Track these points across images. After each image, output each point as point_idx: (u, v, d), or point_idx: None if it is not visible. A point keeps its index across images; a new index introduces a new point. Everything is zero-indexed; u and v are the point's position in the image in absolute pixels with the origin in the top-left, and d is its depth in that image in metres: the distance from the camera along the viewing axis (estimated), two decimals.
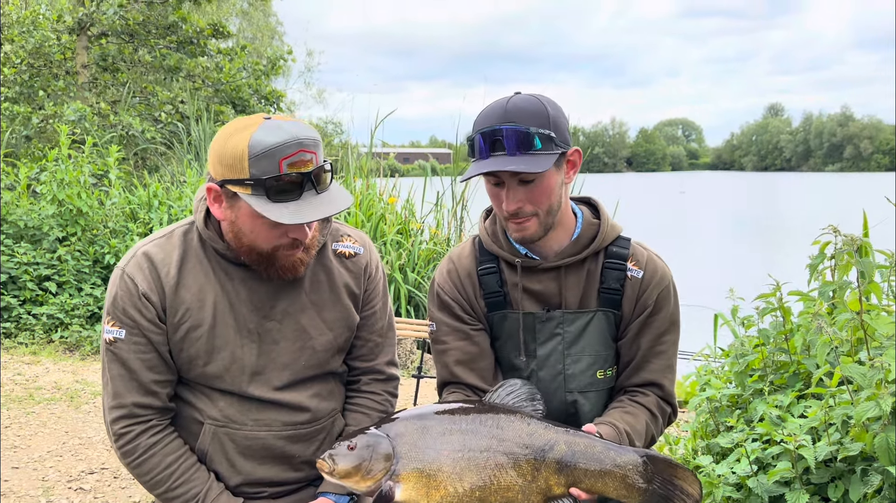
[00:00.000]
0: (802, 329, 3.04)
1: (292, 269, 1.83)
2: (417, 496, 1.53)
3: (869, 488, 2.26)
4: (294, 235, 1.76)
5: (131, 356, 1.82)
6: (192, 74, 12.37)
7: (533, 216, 1.79)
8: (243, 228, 1.76)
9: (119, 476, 3.93)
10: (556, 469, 1.53)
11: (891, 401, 1.96)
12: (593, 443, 1.56)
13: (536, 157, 1.70)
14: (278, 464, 1.93)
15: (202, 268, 1.85)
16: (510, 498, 1.53)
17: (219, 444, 1.89)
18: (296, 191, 1.68)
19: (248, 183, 1.67)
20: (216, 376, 1.86)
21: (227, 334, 1.84)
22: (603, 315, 1.88)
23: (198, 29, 12.38)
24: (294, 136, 1.68)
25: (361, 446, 1.55)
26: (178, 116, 11.48)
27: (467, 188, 7.86)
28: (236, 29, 27.22)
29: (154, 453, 1.84)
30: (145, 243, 1.88)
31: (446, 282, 1.96)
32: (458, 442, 1.53)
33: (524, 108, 1.72)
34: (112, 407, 1.84)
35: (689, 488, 1.55)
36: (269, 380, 1.89)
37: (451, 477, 1.52)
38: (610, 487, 1.55)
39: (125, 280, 1.83)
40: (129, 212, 7.93)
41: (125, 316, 1.82)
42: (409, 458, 1.53)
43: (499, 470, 1.53)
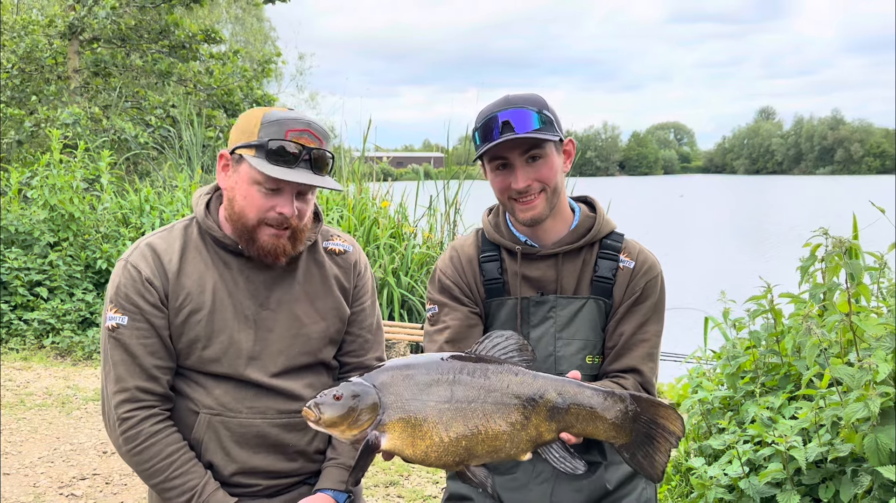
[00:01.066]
0: (793, 331, 3.06)
1: (272, 253, 1.89)
2: (403, 445, 1.54)
3: (859, 489, 2.28)
4: (281, 209, 1.83)
5: (134, 341, 1.87)
6: (184, 79, 12.36)
7: (541, 192, 1.89)
8: (238, 194, 1.86)
9: (111, 481, 3.91)
10: (547, 416, 1.56)
11: (879, 402, 1.98)
12: (582, 388, 1.59)
13: (541, 132, 1.84)
14: (273, 453, 1.95)
15: (202, 257, 1.94)
16: (498, 446, 1.55)
17: (214, 433, 1.92)
18: (294, 161, 1.81)
19: (253, 144, 1.82)
20: (214, 359, 1.91)
21: (226, 318, 1.91)
22: (594, 303, 1.96)
23: (190, 34, 12.36)
24: (305, 118, 1.86)
25: (347, 396, 1.55)
26: (170, 121, 11.46)
27: (459, 191, 7.87)
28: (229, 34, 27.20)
29: (156, 441, 1.87)
30: (148, 237, 1.97)
31: (448, 266, 2.03)
32: (444, 392, 1.54)
33: (524, 97, 1.88)
34: (115, 391, 1.88)
35: (671, 426, 1.60)
36: (265, 365, 1.94)
37: (437, 426, 1.52)
38: (600, 429, 1.59)
39: (129, 269, 1.90)
40: (120, 216, 7.91)
41: (128, 302, 1.88)
42: (395, 408, 1.54)
43: (486, 419, 1.54)
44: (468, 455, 1.54)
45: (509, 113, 1.84)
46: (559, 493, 1.93)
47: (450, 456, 1.54)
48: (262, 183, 1.83)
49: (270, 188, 1.84)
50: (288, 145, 1.81)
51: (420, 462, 1.56)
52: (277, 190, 1.85)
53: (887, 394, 2.03)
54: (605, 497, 1.96)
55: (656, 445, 1.60)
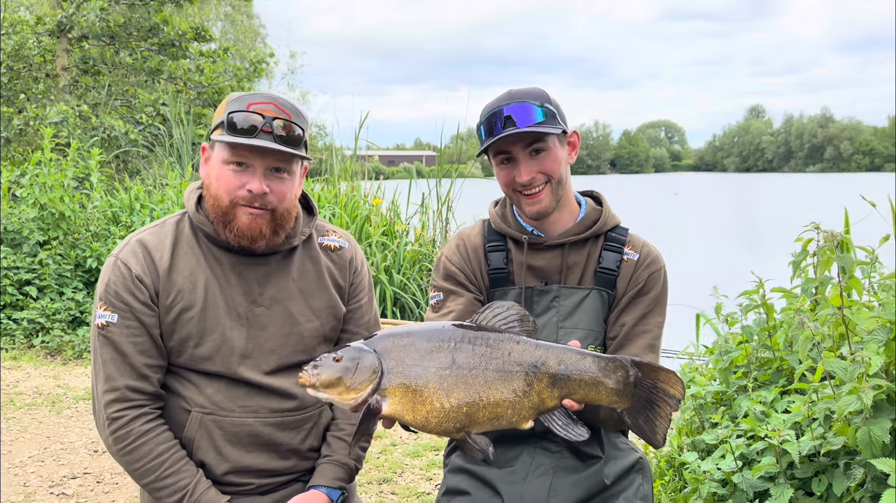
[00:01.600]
0: (785, 325, 3.07)
1: (249, 237, 1.85)
2: (403, 411, 1.53)
3: (852, 482, 2.28)
4: (250, 186, 1.80)
5: (124, 340, 1.84)
6: (174, 77, 12.29)
7: (545, 184, 1.92)
8: (213, 179, 1.85)
9: (102, 481, 3.88)
10: (550, 383, 1.56)
11: (872, 395, 1.98)
12: (583, 355, 1.59)
13: (544, 126, 1.88)
14: (266, 452, 1.94)
15: (193, 253, 1.90)
16: (499, 413, 1.55)
17: (206, 432, 1.90)
18: (253, 131, 1.78)
19: (219, 123, 1.83)
20: (206, 358, 1.88)
21: (218, 316, 1.88)
22: (598, 294, 1.97)
23: (180, 32, 12.30)
24: (272, 93, 1.84)
25: (347, 358, 1.54)
26: (160, 119, 11.40)
27: (451, 189, 7.86)
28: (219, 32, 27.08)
29: (146, 440, 1.85)
30: (139, 233, 1.94)
31: (454, 254, 2.05)
32: (445, 358, 1.54)
33: (526, 91, 1.92)
34: (105, 390, 1.85)
35: (671, 389, 1.60)
36: (258, 363, 1.92)
37: (438, 392, 1.52)
38: (602, 395, 1.59)
39: (118, 266, 1.87)
40: (110, 215, 7.86)
41: (118, 300, 1.85)
42: (395, 373, 1.53)
43: (488, 386, 1.53)
44: (469, 422, 1.54)
45: (512, 107, 1.87)
46: (557, 487, 1.93)
47: (450, 422, 1.54)
48: (229, 160, 1.82)
49: (238, 163, 1.82)
50: (249, 115, 1.78)
51: (420, 428, 1.56)
52: (247, 167, 1.82)
53: (880, 386, 2.03)
54: (602, 491, 1.97)
55: (657, 410, 1.60)
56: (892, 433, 2.08)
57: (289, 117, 1.83)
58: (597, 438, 2.00)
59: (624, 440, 2.08)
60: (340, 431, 2.06)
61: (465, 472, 2.04)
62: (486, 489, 1.98)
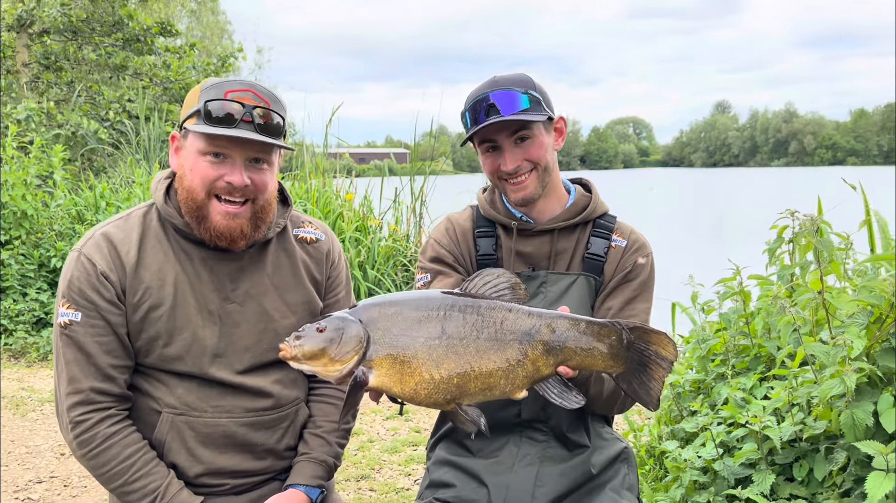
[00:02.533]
0: (763, 312, 3.07)
1: (227, 237, 1.77)
2: (391, 383, 1.47)
3: (834, 466, 2.28)
4: (229, 178, 1.72)
5: (88, 339, 1.75)
6: (139, 73, 12.05)
7: (531, 171, 1.90)
8: (186, 170, 1.75)
9: (69, 484, 3.77)
10: (545, 351, 1.53)
11: (855, 378, 1.97)
12: (577, 321, 1.55)
13: (528, 113, 1.85)
14: (240, 453, 1.86)
15: (162, 247, 1.81)
16: (492, 384, 1.50)
17: (177, 433, 1.82)
18: (233, 120, 1.70)
19: (194, 112, 1.72)
20: (176, 358, 1.80)
21: (188, 314, 1.80)
22: (585, 279, 1.95)
23: (145, 27, 12.06)
24: (249, 83, 1.75)
25: (331, 329, 1.47)
26: (126, 115, 11.16)
27: (425, 184, 7.81)
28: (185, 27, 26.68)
29: (113, 443, 1.76)
30: (103, 225, 1.84)
31: (444, 236, 2.02)
32: (435, 328, 1.48)
33: (511, 78, 1.89)
34: (68, 393, 1.76)
35: (663, 351, 1.57)
36: (230, 363, 1.84)
37: (427, 363, 1.46)
38: (598, 360, 1.56)
39: (82, 261, 1.77)
40: (75, 213, 7.67)
41: (82, 297, 1.75)
42: (382, 344, 1.47)
43: (479, 355, 1.48)
44: (460, 393, 1.49)
45: (496, 95, 1.84)
46: (544, 477, 1.91)
47: (440, 393, 1.48)
48: (206, 151, 1.72)
49: (215, 154, 1.73)
50: (227, 104, 1.70)
51: (409, 400, 1.50)
52: (225, 157, 1.73)
53: (862, 369, 2.02)
54: (588, 481, 1.94)
55: (650, 372, 1.58)
56: (874, 416, 2.08)
57: (268, 105, 1.75)
58: (584, 427, 1.98)
59: (609, 430, 2.06)
60: (318, 428, 1.99)
61: (449, 465, 2.00)
62: (472, 480, 1.94)
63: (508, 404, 1.95)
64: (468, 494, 1.92)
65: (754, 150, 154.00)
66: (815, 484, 2.49)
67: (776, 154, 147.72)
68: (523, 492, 1.89)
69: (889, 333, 2.09)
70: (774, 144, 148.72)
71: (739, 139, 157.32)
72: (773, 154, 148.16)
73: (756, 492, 2.45)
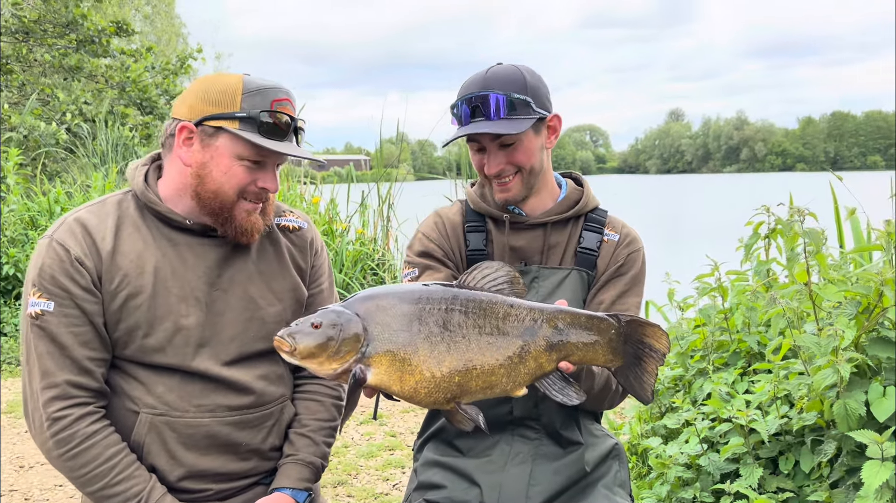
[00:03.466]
0: (742, 307, 3.09)
1: (248, 233, 1.77)
2: (390, 381, 1.41)
3: (823, 457, 2.29)
4: (263, 184, 1.73)
5: (62, 330, 1.66)
6: (94, 75, 11.72)
7: (516, 174, 1.86)
8: (215, 171, 1.71)
9: (30, 498, 3.60)
10: (547, 347, 1.48)
11: (849, 368, 1.97)
12: (577, 314, 1.51)
13: (513, 121, 1.79)
14: (223, 454, 1.79)
15: (140, 234, 1.75)
16: (493, 382, 1.45)
17: (157, 435, 1.73)
18: (283, 134, 1.73)
19: (238, 116, 1.69)
20: (157, 349, 1.72)
21: (170, 302, 1.73)
22: (577, 274, 1.92)
23: (99, 27, 11.75)
24: (283, 86, 1.77)
25: (328, 324, 1.39)
26: (81, 118, 10.84)
27: (391, 188, 7.74)
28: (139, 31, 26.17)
29: (93, 443, 1.67)
30: (75, 212, 1.76)
31: (433, 230, 1.97)
32: (435, 324, 1.42)
33: (502, 77, 1.83)
34: (43, 387, 1.66)
35: (656, 344, 1.54)
36: (216, 353, 1.76)
37: (428, 361, 1.40)
38: (599, 354, 1.52)
39: (54, 247, 1.68)
40: (28, 219, 7.41)
41: (55, 285, 1.66)
42: (382, 340, 1.40)
43: (481, 353, 1.43)
44: (461, 391, 1.43)
45: (481, 97, 1.80)
46: (538, 475, 1.86)
47: (441, 392, 1.42)
48: (247, 157, 1.71)
49: (255, 161, 1.72)
50: (277, 116, 1.72)
51: (408, 399, 1.44)
52: (260, 164, 1.73)
53: (853, 359, 2.03)
54: (582, 478, 1.91)
55: (644, 365, 1.55)
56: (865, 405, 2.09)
57: (295, 110, 1.80)
58: (576, 423, 1.94)
59: (598, 426, 2.03)
60: (304, 428, 1.92)
61: (438, 465, 1.94)
62: (463, 481, 1.89)
63: (500, 402, 1.90)
64: (459, 495, 1.87)
65: (707, 156, 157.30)
66: (801, 476, 2.50)
67: (728, 160, 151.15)
68: (517, 491, 1.85)
69: (877, 323, 2.10)
70: (726, 151, 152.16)
71: (693, 146, 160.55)
72: (726, 160, 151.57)
73: (745, 486, 2.44)
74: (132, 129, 10.84)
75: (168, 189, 1.78)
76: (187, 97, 1.75)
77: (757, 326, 3.11)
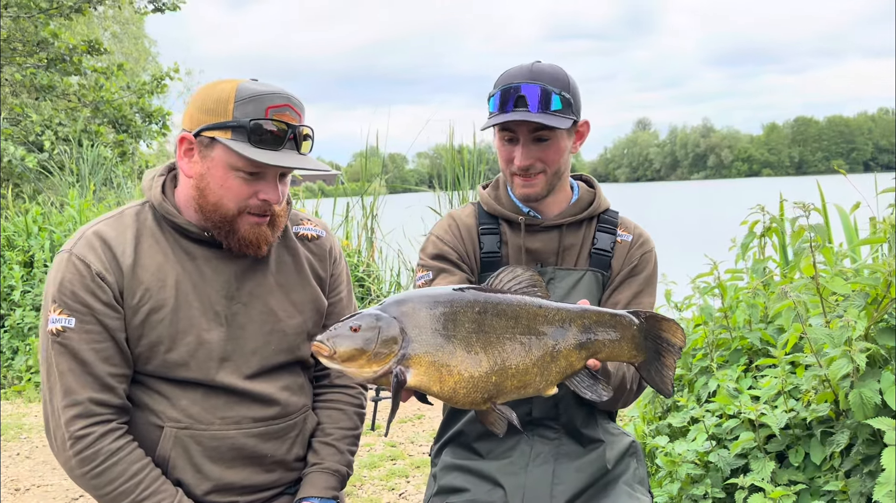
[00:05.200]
0: (743, 305, 3.13)
1: (255, 245, 1.72)
2: (430, 382, 1.42)
3: (836, 447, 2.32)
4: (265, 196, 1.66)
5: (84, 346, 1.63)
6: (67, 93, 11.56)
7: (541, 173, 1.87)
8: (212, 183, 1.66)
9: None
10: (576, 345, 1.51)
11: (864, 357, 2.02)
12: (602, 312, 1.54)
13: (555, 117, 1.81)
14: (249, 466, 1.77)
15: (160, 247, 1.72)
16: (528, 381, 1.48)
17: (182, 449, 1.71)
18: (278, 142, 1.63)
19: (229, 125, 1.62)
20: (180, 363, 1.70)
21: (192, 316, 1.70)
22: (592, 275, 1.94)
23: (70, 46, 11.59)
24: (284, 92, 1.67)
25: (366, 327, 1.40)
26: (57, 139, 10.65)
27: (375, 201, 7.74)
28: None
29: (119, 460, 1.64)
30: (93, 224, 1.73)
31: (447, 233, 1.97)
32: (471, 325, 1.44)
33: (548, 72, 1.84)
34: (65, 405, 1.63)
35: (673, 338, 1.58)
36: (238, 366, 1.74)
37: (466, 361, 1.42)
38: (625, 350, 1.55)
39: (73, 262, 1.65)
40: (4, 240, 7.27)
41: (76, 301, 1.63)
42: (420, 342, 1.42)
43: (515, 353, 1.46)
44: (497, 391, 1.46)
45: (529, 88, 1.81)
46: (561, 474, 1.87)
47: (479, 392, 1.44)
48: (241, 168, 1.64)
49: (251, 173, 1.65)
50: (271, 124, 1.63)
51: (447, 400, 1.45)
52: (259, 174, 1.66)
53: (868, 348, 2.07)
54: (603, 476, 1.92)
55: (663, 359, 1.58)
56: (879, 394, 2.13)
57: (301, 119, 1.69)
58: (595, 422, 1.95)
59: (614, 425, 2.05)
60: (328, 436, 1.91)
61: (459, 469, 1.94)
62: (485, 483, 1.89)
63: (519, 403, 1.91)
64: (483, 497, 1.87)
65: (675, 164, 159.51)
66: (811, 468, 2.53)
67: (696, 168, 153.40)
68: (541, 492, 1.86)
69: (887, 313, 2.15)
70: (694, 158, 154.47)
71: (660, 154, 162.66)
72: (693, 168, 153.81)
73: (759, 479, 2.47)
74: (107, 146, 10.70)
75: (182, 200, 1.75)
76: (189, 106, 1.70)
77: (758, 323, 3.15)
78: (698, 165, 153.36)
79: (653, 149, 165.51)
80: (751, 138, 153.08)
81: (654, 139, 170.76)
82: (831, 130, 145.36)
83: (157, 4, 12.93)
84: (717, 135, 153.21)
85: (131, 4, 13.92)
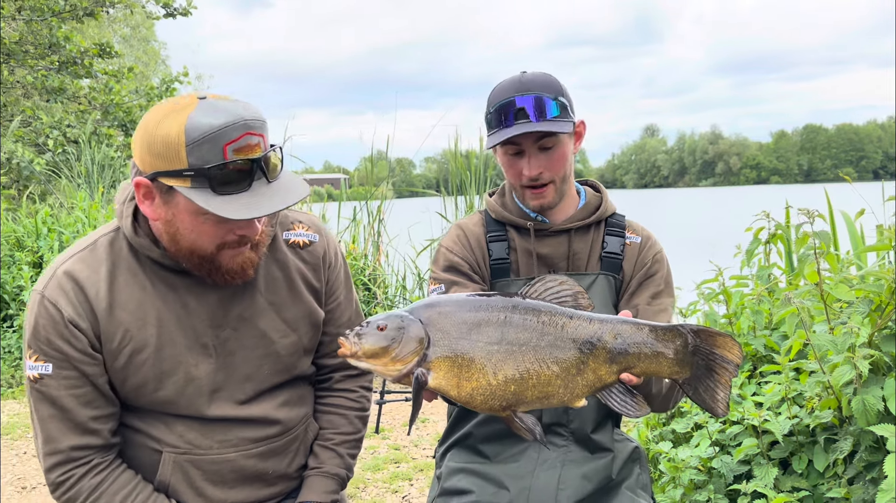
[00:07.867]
0: (748, 311, 3.13)
1: (241, 273, 1.62)
2: (448, 385, 1.44)
3: (839, 454, 2.32)
4: (242, 232, 1.55)
5: (62, 393, 1.58)
6: (77, 96, 11.63)
7: (550, 183, 1.89)
8: (181, 228, 1.53)
9: None
10: (607, 359, 1.49)
11: (867, 364, 2.01)
12: (640, 326, 1.50)
13: (556, 122, 1.82)
14: (251, 485, 1.74)
15: (137, 280, 1.61)
16: (550, 392, 1.47)
17: (182, 474, 1.68)
18: (245, 180, 1.47)
19: (186, 174, 1.44)
20: (169, 401, 1.64)
21: (178, 353, 1.63)
22: (604, 278, 1.94)
23: (82, 49, 11.68)
24: (239, 117, 1.46)
25: (392, 327, 1.44)
26: (65, 141, 10.73)
27: (382, 204, 7.75)
28: None
29: (101, 492, 1.62)
30: (64, 259, 1.62)
31: (456, 244, 1.98)
32: (494, 332, 1.45)
33: (538, 80, 1.85)
34: (46, 454, 1.61)
35: (729, 354, 1.51)
36: (232, 394, 1.69)
37: (485, 368, 1.44)
38: (663, 366, 1.51)
39: (46, 306, 1.56)
40: (14, 240, 7.32)
41: (51, 348, 1.56)
42: (442, 345, 1.44)
43: (538, 363, 1.46)
44: (516, 400, 1.46)
45: (525, 100, 1.81)
46: (567, 480, 1.87)
47: (496, 400, 1.46)
48: (209, 213, 1.47)
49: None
50: (232, 165, 1.45)
51: (464, 404, 1.47)
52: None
53: (871, 355, 2.07)
54: (606, 483, 1.92)
55: (716, 377, 1.51)
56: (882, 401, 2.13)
57: (265, 141, 1.51)
58: (607, 429, 1.96)
59: (618, 431, 2.05)
60: (328, 441, 1.89)
61: (464, 472, 1.95)
62: (491, 485, 1.90)
63: None
64: (488, 498, 1.87)
65: (683, 171, 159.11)
66: (814, 475, 2.53)
67: (704, 174, 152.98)
68: (546, 496, 1.86)
69: (891, 320, 2.15)
70: (702, 165, 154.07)
71: (668, 161, 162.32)
72: (701, 174, 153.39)
73: (762, 485, 2.47)
74: (117, 149, 10.75)
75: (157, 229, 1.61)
76: (137, 144, 1.52)
77: (762, 329, 3.15)
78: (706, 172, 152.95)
79: (661, 155, 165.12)
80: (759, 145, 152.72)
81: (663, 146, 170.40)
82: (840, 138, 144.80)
83: (168, 10, 13.00)
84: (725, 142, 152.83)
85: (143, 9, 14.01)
